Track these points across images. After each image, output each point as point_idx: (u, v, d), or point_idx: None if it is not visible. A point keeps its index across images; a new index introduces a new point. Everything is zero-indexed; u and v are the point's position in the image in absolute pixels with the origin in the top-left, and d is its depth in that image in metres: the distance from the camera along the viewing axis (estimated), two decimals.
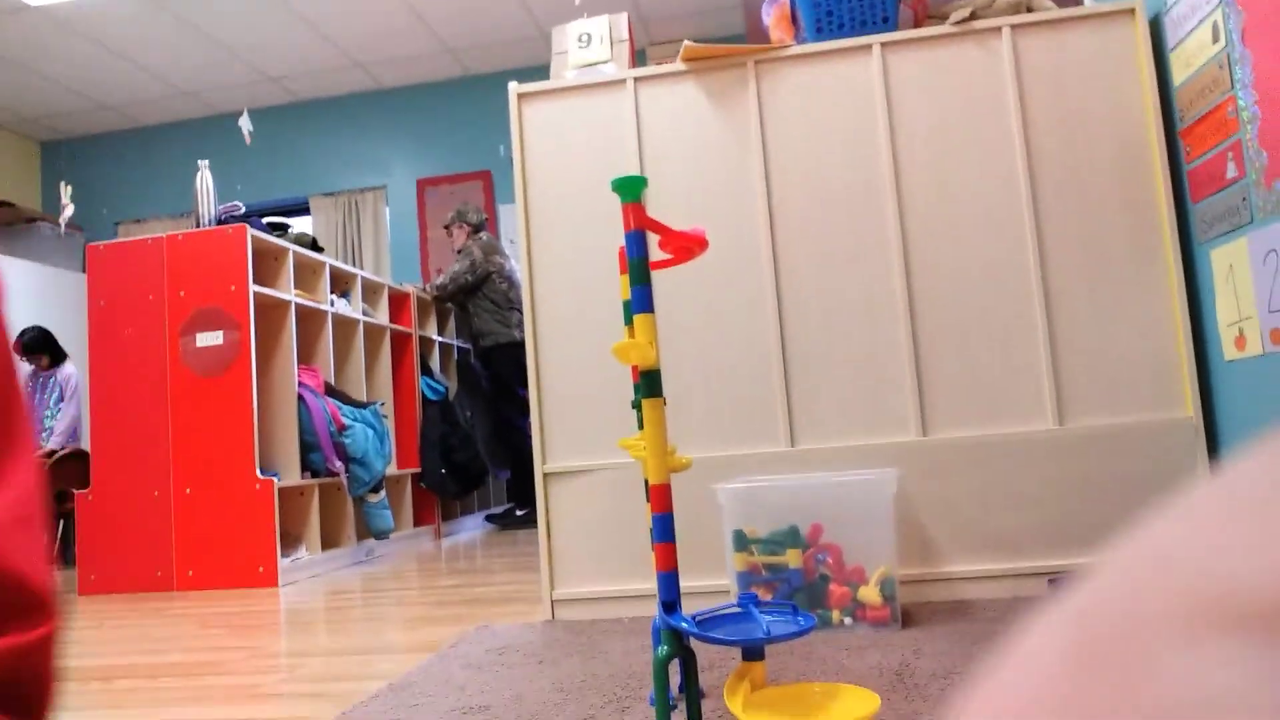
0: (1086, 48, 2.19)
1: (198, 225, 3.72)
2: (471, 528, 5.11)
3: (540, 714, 1.45)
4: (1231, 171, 1.96)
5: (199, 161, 3.83)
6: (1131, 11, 2.18)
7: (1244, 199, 1.92)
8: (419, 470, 4.66)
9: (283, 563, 3.38)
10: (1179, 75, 2.14)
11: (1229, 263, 2.00)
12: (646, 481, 1.33)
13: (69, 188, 5.64)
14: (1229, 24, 1.91)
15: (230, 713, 1.68)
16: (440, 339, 5.20)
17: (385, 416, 4.26)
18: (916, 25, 2.33)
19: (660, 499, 1.29)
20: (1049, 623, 0.14)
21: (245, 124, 4.84)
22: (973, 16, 2.25)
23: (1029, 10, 2.29)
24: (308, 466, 3.70)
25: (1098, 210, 2.16)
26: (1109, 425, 2.08)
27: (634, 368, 1.44)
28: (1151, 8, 2.22)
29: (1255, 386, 1.94)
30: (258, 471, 3.40)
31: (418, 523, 4.68)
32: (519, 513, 4.80)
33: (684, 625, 1.22)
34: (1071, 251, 2.15)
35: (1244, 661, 0.11)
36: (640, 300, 1.32)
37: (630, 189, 1.34)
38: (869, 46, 2.25)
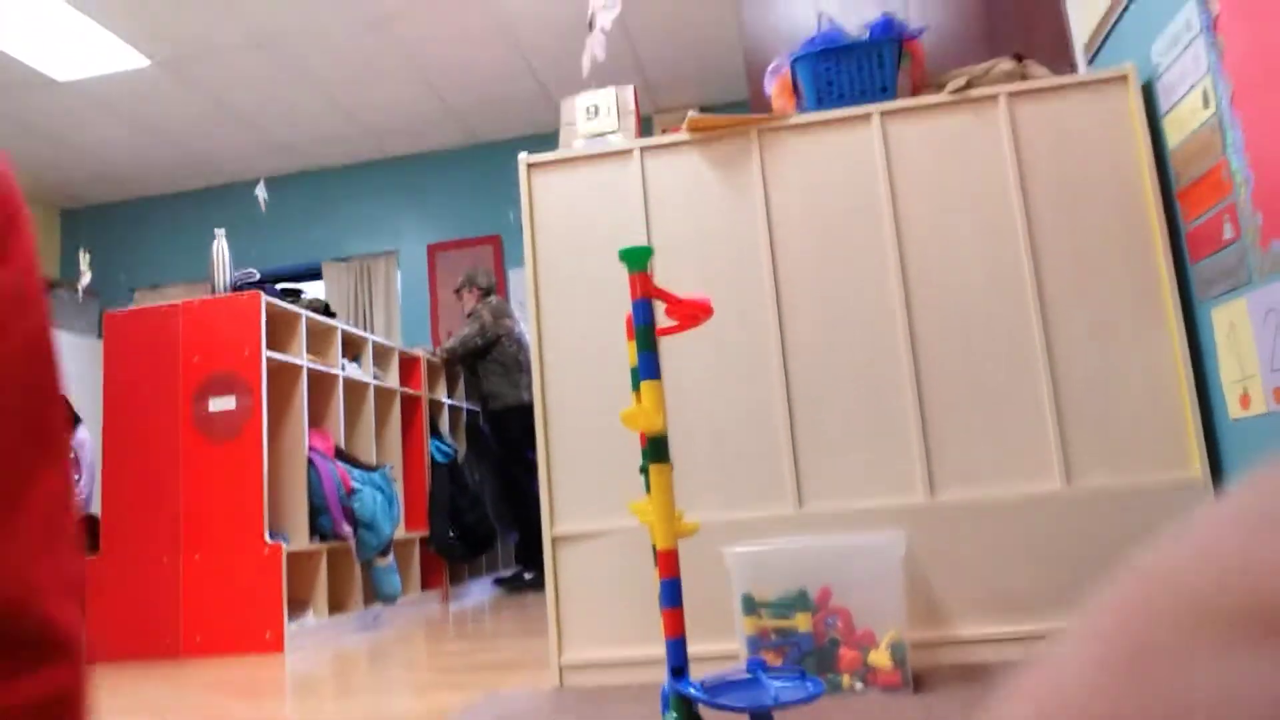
0: (1082, 114, 2.25)
1: (213, 292, 3.79)
2: (480, 591, 5.07)
3: None
4: (1228, 233, 1.99)
5: (215, 230, 3.91)
6: (1124, 78, 2.24)
7: (1241, 259, 1.94)
8: (427, 533, 4.64)
9: (290, 628, 3.36)
10: (1174, 139, 2.19)
11: (1230, 321, 2.01)
12: (654, 546, 1.34)
13: (87, 255, 5.76)
14: (1218, 90, 1.96)
15: None
16: (450, 401, 5.23)
17: (394, 479, 4.27)
18: (915, 94, 2.40)
19: (667, 564, 1.30)
20: (1082, 630, 0.15)
21: (261, 192, 4.95)
22: (969, 85, 2.31)
23: (1024, 78, 2.35)
24: (316, 530, 3.70)
25: (1099, 271, 2.19)
26: (1117, 485, 2.08)
27: (641, 433, 1.46)
28: (1144, 74, 2.28)
29: (1261, 445, 1.94)
30: (267, 536, 3.40)
31: (426, 586, 4.65)
32: (527, 576, 4.76)
33: (692, 691, 1.22)
34: (1074, 312, 2.18)
35: (1275, 669, 0.12)
36: (647, 367, 1.35)
37: (637, 259, 1.38)
38: (869, 115, 2.31)
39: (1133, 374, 2.13)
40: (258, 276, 3.87)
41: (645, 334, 1.36)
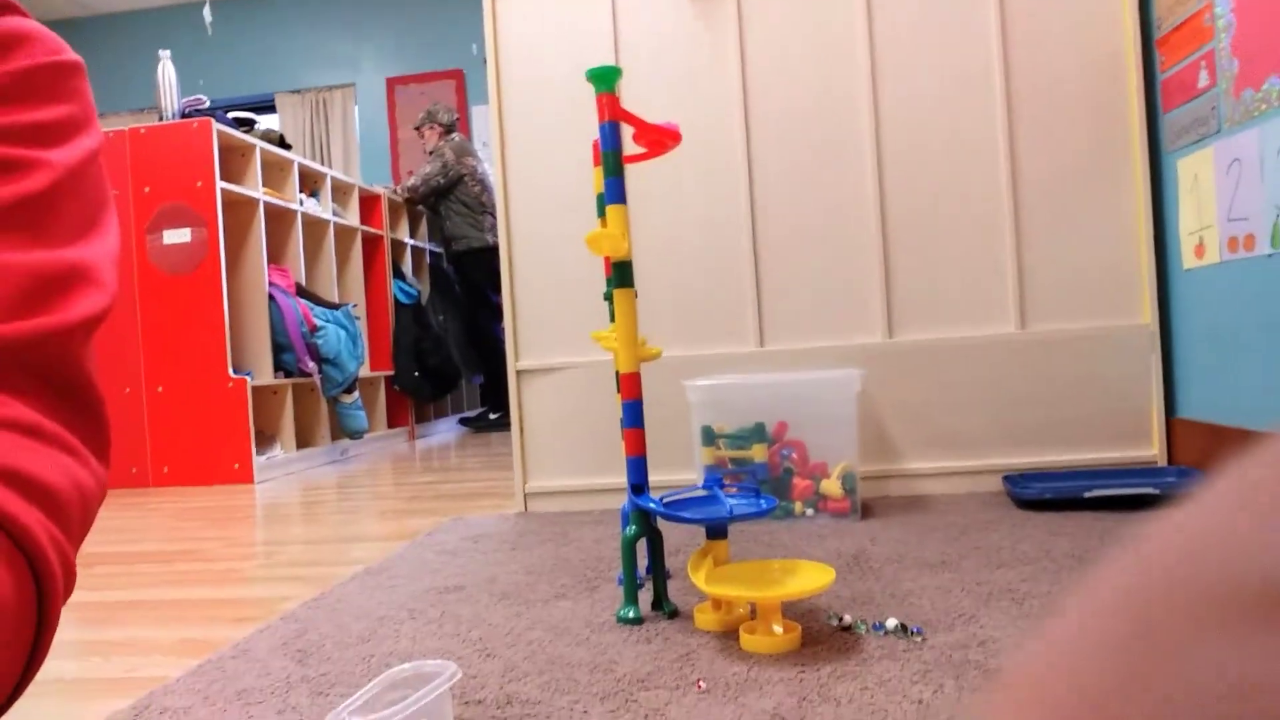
0: None
1: (160, 119, 3.62)
2: (445, 430, 5.17)
3: (512, 593, 1.52)
4: (1204, 80, 1.97)
5: (160, 52, 3.70)
6: None
7: (1213, 108, 1.93)
8: (392, 373, 4.68)
9: (258, 460, 3.42)
10: None
11: (1194, 172, 2.03)
12: (618, 373, 1.37)
13: None
14: None
15: (208, 594, 1.74)
16: (412, 242, 5.16)
17: (357, 318, 4.25)
18: None
19: (630, 386, 1.33)
20: (1083, 609, 0.14)
21: (207, 14, 4.67)
22: None
23: None
24: (280, 367, 3.71)
25: (1071, 118, 2.17)
26: (1069, 330, 2.14)
27: (606, 260, 1.46)
28: None
29: (1209, 294, 2.00)
30: (230, 370, 3.41)
31: (392, 424, 4.73)
32: (492, 416, 4.85)
33: (651, 505, 1.28)
34: (1043, 159, 2.17)
35: None
36: (613, 192, 1.33)
37: (605, 79, 1.34)
38: None
39: (1094, 223, 2.16)
40: (208, 104, 3.70)
41: (612, 159, 1.33)
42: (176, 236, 3.44)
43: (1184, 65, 2.04)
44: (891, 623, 1.19)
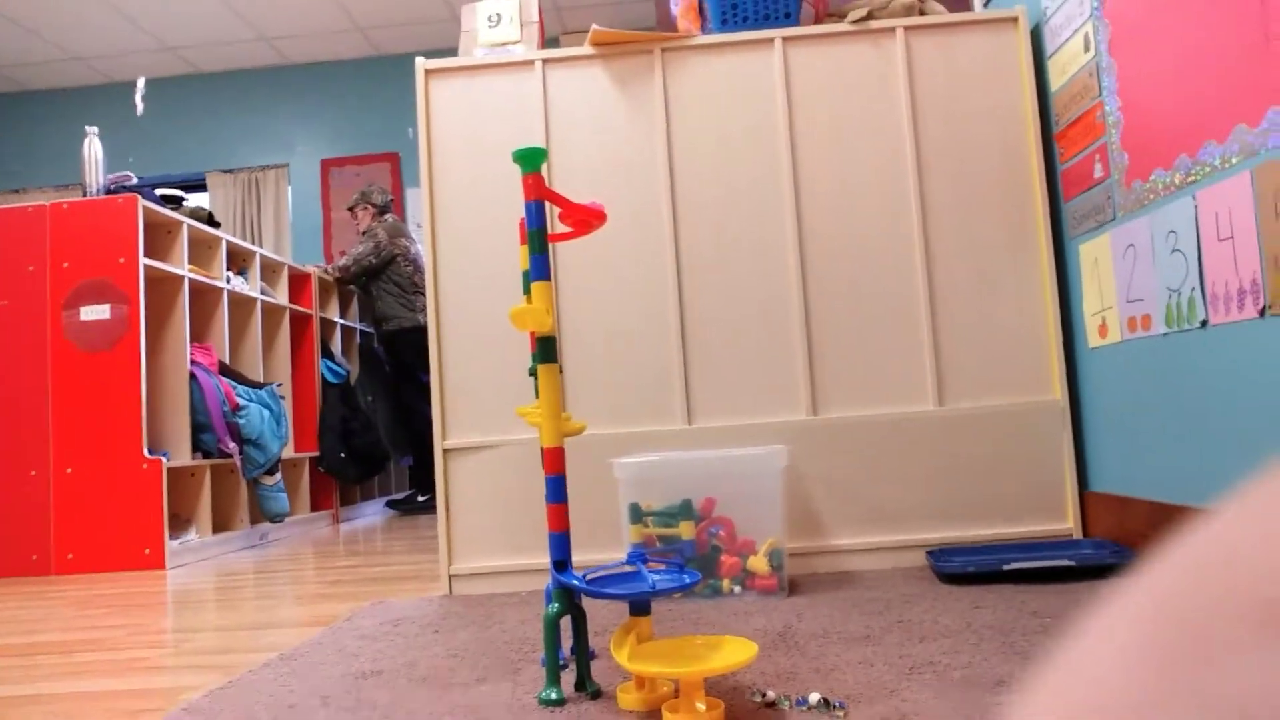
0: (973, 52, 2.32)
1: (84, 195, 3.56)
2: (372, 513, 5.03)
3: (433, 677, 1.47)
4: (1098, 172, 2.10)
5: (87, 128, 3.66)
6: (1015, 20, 2.31)
7: (1108, 197, 2.06)
8: (317, 454, 4.56)
9: (171, 545, 3.27)
10: (1055, 81, 2.28)
11: (1095, 257, 2.14)
12: (543, 446, 1.36)
13: None
14: (1098, 35, 2.05)
15: (109, 685, 1.64)
16: (342, 321, 5.10)
17: (282, 398, 4.16)
18: (817, 22, 2.42)
19: (553, 461, 1.32)
20: (1117, 616, 0.14)
21: (138, 94, 4.65)
22: (869, 17, 2.35)
23: (922, 13, 2.40)
24: (199, 447, 3.59)
25: (980, 206, 2.28)
26: (985, 407, 2.21)
27: (532, 335, 1.47)
28: (1033, 17, 2.36)
29: (1113, 372, 2.10)
30: (145, 451, 3.29)
31: (315, 507, 4.59)
32: (420, 498, 4.75)
33: (574, 582, 1.26)
34: (955, 244, 2.27)
35: None
36: (538, 268, 1.35)
37: (531, 160, 1.37)
38: (771, 40, 2.33)
39: (1005, 304, 2.26)
40: (135, 180, 3.65)
41: (537, 237, 1.36)
42: (95, 313, 3.35)
43: (1081, 157, 2.18)
44: (814, 697, 1.18)
